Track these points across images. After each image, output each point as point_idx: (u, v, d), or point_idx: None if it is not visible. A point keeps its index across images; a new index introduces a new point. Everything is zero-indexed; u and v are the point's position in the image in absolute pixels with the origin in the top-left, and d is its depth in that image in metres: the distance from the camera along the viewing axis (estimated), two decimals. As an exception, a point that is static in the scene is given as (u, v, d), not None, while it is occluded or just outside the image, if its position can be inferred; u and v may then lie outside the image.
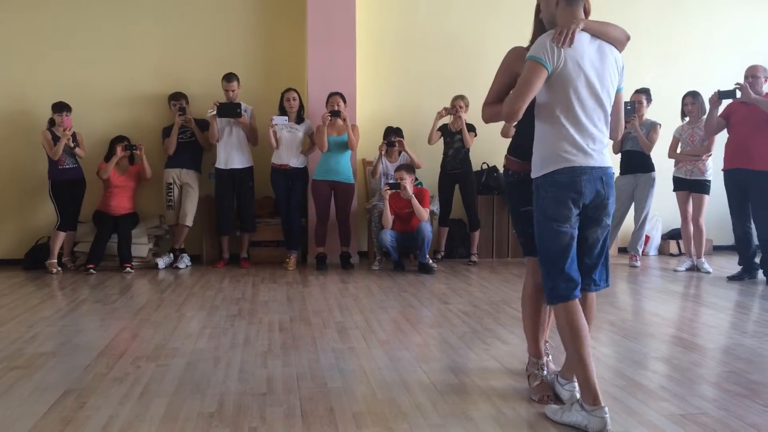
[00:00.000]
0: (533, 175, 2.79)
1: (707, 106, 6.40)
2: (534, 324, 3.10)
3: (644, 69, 7.60)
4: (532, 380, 3.06)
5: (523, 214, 2.98)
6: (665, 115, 6.85)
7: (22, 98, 6.83)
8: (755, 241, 6.02)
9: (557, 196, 2.69)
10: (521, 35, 3.40)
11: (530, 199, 2.85)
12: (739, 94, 5.74)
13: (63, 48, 6.88)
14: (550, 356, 3.24)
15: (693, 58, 7.90)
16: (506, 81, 2.92)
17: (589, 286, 2.86)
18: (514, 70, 2.86)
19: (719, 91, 5.89)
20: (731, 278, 6.00)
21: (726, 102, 6.03)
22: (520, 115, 2.71)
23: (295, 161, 6.63)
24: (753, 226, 6.00)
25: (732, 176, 5.97)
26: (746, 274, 6.00)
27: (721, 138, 6.35)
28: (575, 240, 2.74)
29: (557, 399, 2.94)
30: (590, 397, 2.61)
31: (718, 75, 7.62)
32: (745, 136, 5.84)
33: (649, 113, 6.75)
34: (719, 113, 6.06)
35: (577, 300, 2.73)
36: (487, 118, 3.02)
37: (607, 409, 2.59)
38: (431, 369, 3.38)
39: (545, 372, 3.08)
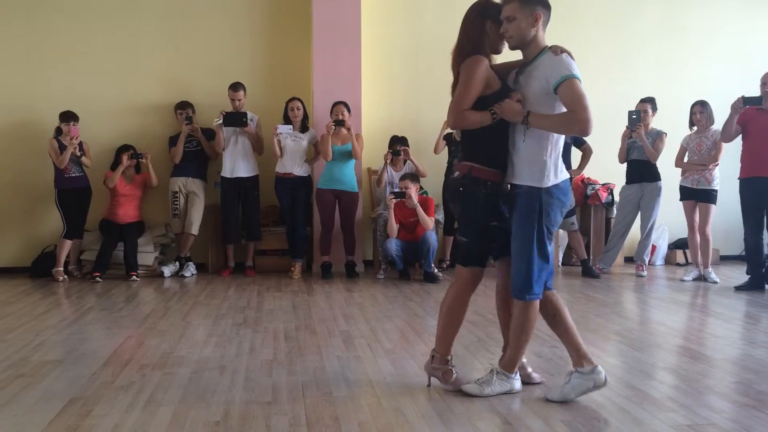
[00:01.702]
0: (546, 184, 2.94)
1: (716, 116, 6.40)
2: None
3: (648, 78, 7.62)
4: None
5: (490, 228, 3.07)
6: (668, 125, 6.83)
7: (29, 107, 6.86)
8: (766, 251, 5.99)
9: (562, 204, 2.98)
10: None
11: (496, 212, 3.05)
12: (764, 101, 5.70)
13: (70, 57, 6.92)
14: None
15: (695, 67, 7.89)
16: (480, 90, 2.99)
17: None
18: (487, 80, 3.00)
19: (744, 97, 5.83)
20: (739, 288, 5.97)
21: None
22: None
23: (299, 170, 6.65)
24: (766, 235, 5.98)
25: (749, 185, 5.92)
26: (755, 284, 5.96)
27: (729, 147, 6.34)
28: None
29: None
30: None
31: (720, 84, 7.62)
32: (763, 144, 5.80)
33: (653, 122, 6.73)
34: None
35: None
36: (465, 124, 3.06)
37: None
38: (437, 379, 3.36)
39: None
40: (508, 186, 3.04)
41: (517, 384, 3.14)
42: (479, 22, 3.03)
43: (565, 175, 3.01)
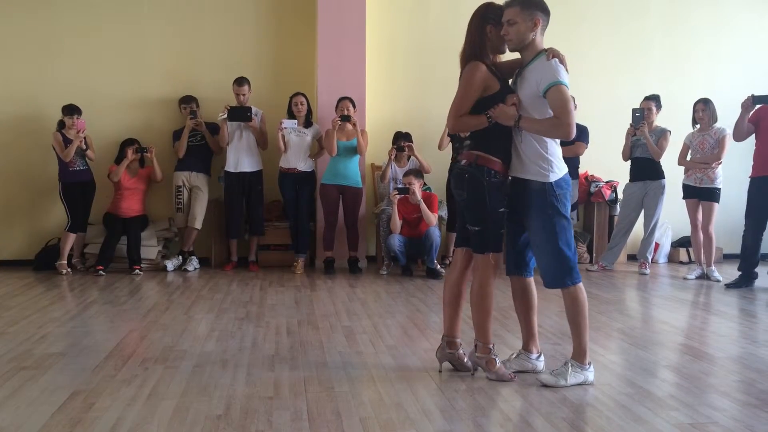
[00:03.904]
0: (552, 179, 3.13)
1: (719, 114, 6.38)
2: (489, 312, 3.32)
3: (653, 76, 7.60)
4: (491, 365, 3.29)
5: (500, 214, 3.22)
6: (673, 123, 6.81)
7: (34, 101, 6.87)
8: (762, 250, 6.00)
9: (569, 191, 3.20)
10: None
11: (503, 201, 3.22)
12: None
13: (73, 51, 6.92)
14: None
15: (701, 65, 7.87)
16: (478, 95, 3.17)
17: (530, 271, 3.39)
18: (485, 84, 3.16)
19: (754, 96, 5.82)
20: (729, 285, 5.97)
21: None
22: None
23: (302, 165, 6.65)
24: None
25: (760, 184, 5.91)
26: (745, 281, 5.96)
27: (734, 146, 6.32)
28: None
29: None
30: (585, 357, 3.21)
31: (726, 82, 7.60)
32: None
33: (658, 120, 6.72)
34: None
35: None
36: (464, 128, 3.23)
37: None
38: (439, 374, 3.37)
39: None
40: (510, 178, 3.24)
41: (591, 375, 3.22)
42: (480, 26, 3.21)
43: (566, 168, 3.24)
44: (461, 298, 3.38)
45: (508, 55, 3.33)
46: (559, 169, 3.17)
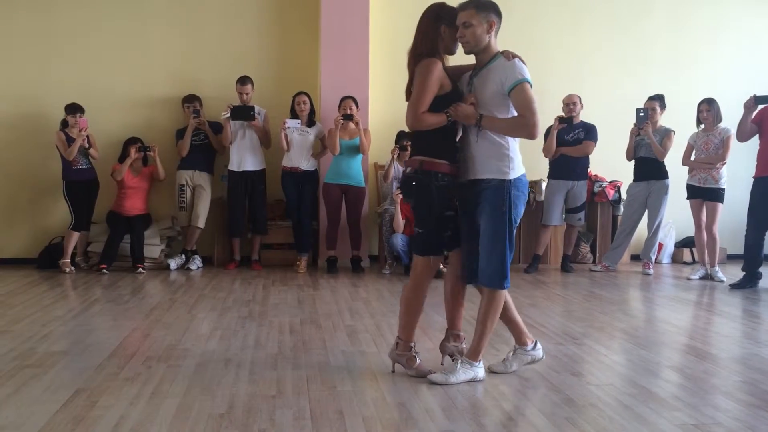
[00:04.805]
0: (512, 176, 3.12)
1: (723, 114, 6.36)
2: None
3: (656, 76, 7.58)
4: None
5: (446, 218, 3.24)
6: (677, 122, 6.79)
7: (35, 100, 6.88)
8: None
9: (524, 197, 3.20)
10: (532, 40, 3.43)
11: (449, 203, 3.22)
12: None
13: (77, 50, 6.93)
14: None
15: (704, 65, 7.85)
16: (435, 92, 3.16)
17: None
18: (441, 82, 3.18)
19: (756, 96, 5.81)
20: (734, 286, 5.95)
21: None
22: None
23: (305, 164, 6.65)
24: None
25: (763, 184, 5.89)
26: (749, 281, 5.94)
27: (737, 146, 6.31)
28: None
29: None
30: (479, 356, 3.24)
31: (729, 82, 7.58)
32: None
33: (662, 120, 6.70)
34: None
35: None
36: (423, 126, 3.19)
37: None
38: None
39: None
40: (466, 180, 3.20)
41: (481, 372, 3.25)
42: (433, 26, 3.22)
43: (523, 168, 3.20)
44: (461, 296, 3.43)
45: (453, 60, 3.37)
46: (519, 168, 3.16)
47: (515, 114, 3.11)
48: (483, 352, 3.26)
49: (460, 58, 3.34)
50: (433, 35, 3.21)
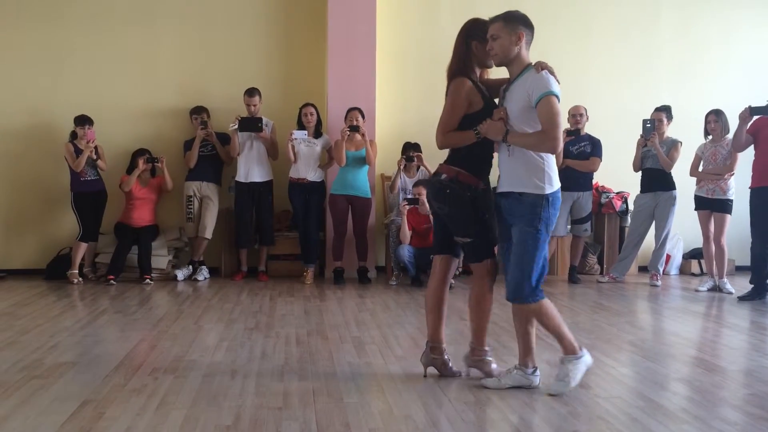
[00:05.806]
0: (548, 191, 3.13)
1: (731, 125, 6.35)
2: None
3: (663, 87, 7.58)
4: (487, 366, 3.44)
5: (486, 220, 3.34)
6: (684, 134, 6.78)
7: (45, 111, 6.93)
8: None
9: (557, 213, 3.20)
10: (543, 48, 3.43)
11: (486, 207, 3.33)
12: None
13: (85, 62, 6.98)
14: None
15: (711, 76, 7.83)
16: (463, 112, 3.29)
17: None
18: (470, 100, 3.28)
19: (751, 107, 5.82)
20: (742, 298, 5.92)
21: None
22: None
23: (312, 175, 6.67)
24: None
25: (760, 194, 5.88)
26: (757, 293, 5.91)
27: (744, 156, 6.29)
28: None
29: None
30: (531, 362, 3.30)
31: (737, 93, 7.55)
32: None
33: (669, 131, 6.69)
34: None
35: None
36: (451, 144, 3.35)
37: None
38: (448, 386, 3.36)
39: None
40: (501, 192, 3.27)
41: (536, 380, 3.30)
42: (464, 43, 3.33)
43: (558, 183, 3.22)
44: (443, 305, 3.47)
45: (497, 72, 3.40)
46: (555, 182, 3.18)
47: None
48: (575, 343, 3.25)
49: (502, 71, 3.37)
50: (463, 53, 3.31)
